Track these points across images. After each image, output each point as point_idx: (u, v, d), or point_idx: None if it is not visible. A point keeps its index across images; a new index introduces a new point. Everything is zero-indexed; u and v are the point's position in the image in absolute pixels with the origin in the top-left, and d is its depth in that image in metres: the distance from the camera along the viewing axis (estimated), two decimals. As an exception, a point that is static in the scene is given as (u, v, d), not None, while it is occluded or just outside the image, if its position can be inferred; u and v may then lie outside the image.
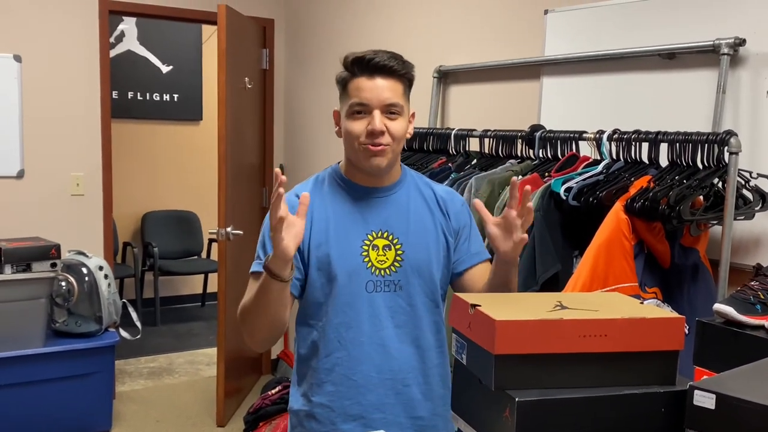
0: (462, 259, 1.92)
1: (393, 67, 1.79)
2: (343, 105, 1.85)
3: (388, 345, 1.83)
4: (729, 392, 1.20)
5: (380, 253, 1.83)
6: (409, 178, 1.94)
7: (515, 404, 1.23)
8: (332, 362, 1.84)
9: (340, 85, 1.86)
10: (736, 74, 2.43)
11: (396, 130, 1.79)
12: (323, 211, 1.84)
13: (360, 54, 1.80)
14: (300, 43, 5.05)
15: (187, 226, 7.04)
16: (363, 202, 1.86)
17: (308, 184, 1.92)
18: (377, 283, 1.82)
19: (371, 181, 1.87)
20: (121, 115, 6.47)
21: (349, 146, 1.83)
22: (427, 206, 1.91)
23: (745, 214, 2.30)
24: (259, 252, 1.85)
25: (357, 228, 1.83)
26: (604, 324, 1.31)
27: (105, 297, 3.93)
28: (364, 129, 1.78)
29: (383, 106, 1.77)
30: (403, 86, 1.82)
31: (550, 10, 3.06)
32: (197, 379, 5.27)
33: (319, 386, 1.86)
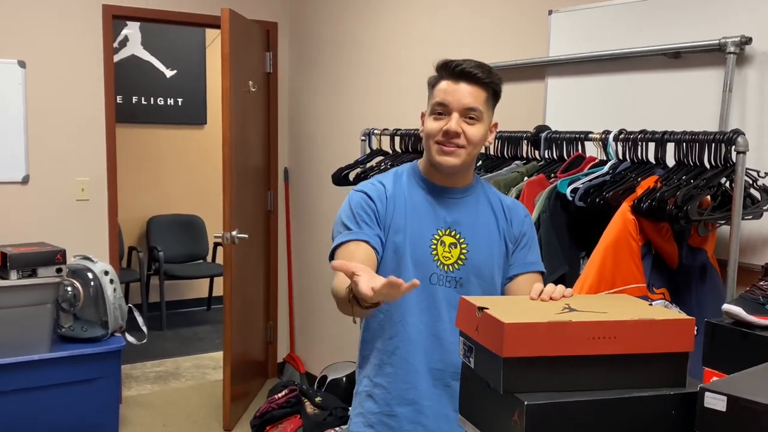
0: (515, 265, 2.00)
1: (477, 75, 1.86)
2: (428, 105, 1.94)
3: (443, 337, 1.92)
4: (740, 394, 1.18)
5: (446, 249, 1.92)
6: (479, 185, 2.04)
7: (524, 408, 1.22)
8: (395, 345, 1.93)
9: (429, 87, 1.94)
10: (743, 73, 2.41)
11: (472, 135, 1.87)
12: (402, 202, 1.94)
13: (449, 60, 1.89)
14: (304, 46, 5.05)
15: (192, 230, 7.05)
16: (436, 199, 1.95)
17: (388, 176, 2.01)
18: (440, 276, 1.91)
19: (446, 181, 1.96)
20: (125, 119, 6.47)
21: (426, 144, 1.92)
22: (493, 213, 2.00)
23: (753, 214, 2.28)
24: (346, 223, 1.90)
25: (429, 223, 1.93)
26: (614, 326, 1.30)
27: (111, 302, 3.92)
28: (441, 128, 1.87)
29: (463, 110, 1.85)
30: (486, 94, 1.89)
31: (555, 10, 3.05)
32: (204, 383, 5.26)
33: (381, 367, 1.96)
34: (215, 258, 7.05)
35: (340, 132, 4.65)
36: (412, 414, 1.93)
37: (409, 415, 1.93)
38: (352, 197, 1.95)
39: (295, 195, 5.26)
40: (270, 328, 5.31)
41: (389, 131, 3.57)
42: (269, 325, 5.30)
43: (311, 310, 5.12)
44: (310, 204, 5.08)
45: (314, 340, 5.14)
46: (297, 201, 5.25)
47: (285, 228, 5.31)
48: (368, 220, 1.90)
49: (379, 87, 4.27)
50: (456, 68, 1.86)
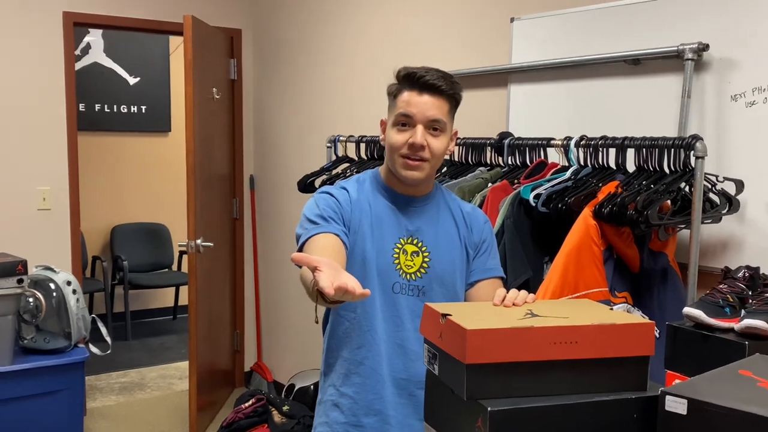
0: (476, 271, 2.01)
1: (441, 87, 1.86)
2: (390, 115, 1.93)
3: (406, 347, 1.92)
4: (700, 397, 1.20)
5: (408, 258, 1.92)
6: (439, 192, 2.04)
7: (487, 414, 1.22)
8: (363, 354, 1.93)
9: (390, 96, 1.93)
10: (701, 79, 2.45)
11: (436, 147, 1.87)
12: (366, 209, 1.93)
13: (412, 70, 1.87)
14: (268, 53, 5.03)
15: (157, 238, 6.98)
16: (398, 208, 1.95)
17: (351, 182, 2.00)
18: (403, 285, 1.91)
19: (407, 190, 1.96)
20: (88, 127, 6.40)
21: (390, 156, 1.92)
22: (453, 220, 2.01)
23: (712, 218, 2.32)
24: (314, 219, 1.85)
25: (391, 231, 1.93)
26: (575, 331, 1.31)
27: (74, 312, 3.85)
28: (405, 141, 1.86)
29: (427, 122, 1.85)
30: (449, 105, 1.89)
31: (516, 17, 3.08)
32: (169, 393, 5.21)
33: (348, 377, 1.95)
34: (181, 266, 6.99)
35: (306, 139, 4.64)
36: (378, 424, 1.93)
37: (375, 426, 1.93)
38: (318, 197, 1.93)
39: (261, 202, 5.24)
40: (237, 337, 5.27)
41: (355, 138, 3.57)
42: (236, 334, 5.27)
43: (278, 317, 5.10)
44: (276, 211, 5.06)
45: (282, 348, 5.11)
46: (263, 208, 5.23)
47: (251, 235, 5.28)
48: (335, 218, 1.88)
49: (345, 94, 4.28)
50: (420, 80, 1.85)
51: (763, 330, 1.72)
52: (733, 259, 2.34)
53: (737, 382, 1.30)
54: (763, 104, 2.31)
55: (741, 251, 2.37)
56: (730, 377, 1.33)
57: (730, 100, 2.39)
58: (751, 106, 2.34)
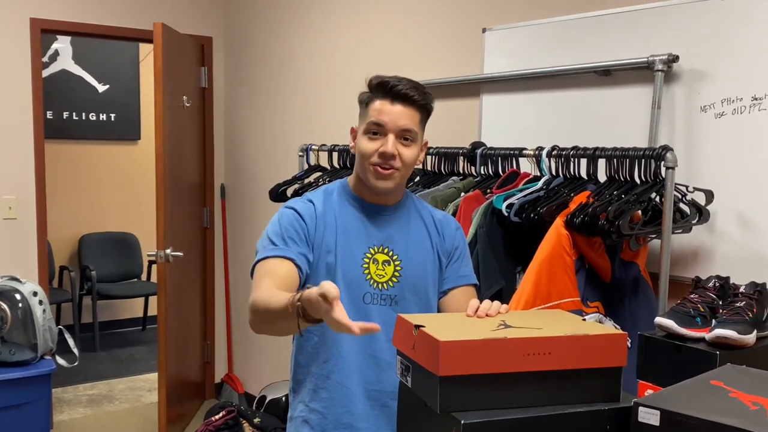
0: (449, 279, 2.00)
1: (414, 97, 1.85)
2: (361, 123, 1.91)
3: (379, 357, 1.90)
4: (673, 408, 1.20)
5: (380, 267, 1.91)
6: (410, 200, 2.02)
7: (461, 427, 1.21)
8: (329, 368, 1.90)
9: (361, 104, 1.92)
10: (671, 90, 2.48)
11: (407, 157, 1.86)
12: (332, 220, 1.91)
13: (385, 78, 1.87)
14: (239, 61, 5.00)
15: (125, 248, 6.89)
16: (368, 217, 1.93)
17: (318, 193, 1.98)
18: (374, 295, 1.89)
19: (377, 199, 1.94)
20: (56, 135, 6.31)
21: (360, 164, 1.89)
22: (425, 228, 1.99)
23: (682, 228, 2.33)
24: (274, 239, 1.86)
25: (360, 241, 1.91)
26: (548, 342, 1.31)
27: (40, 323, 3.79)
28: (376, 149, 1.85)
29: (398, 131, 1.84)
30: (420, 115, 1.88)
31: (489, 28, 3.09)
32: (138, 405, 5.13)
33: (316, 392, 1.93)
34: (150, 276, 6.91)
35: (278, 147, 4.61)
36: None
37: None
38: (282, 214, 1.92)
39: (233, 211, 5.20)
40: (207, 348, 5.22)
41: (327, 147, 3.55)
42: (206, 345, 5.21)
43: (249, 329, 5.05)
44: (247, 220, 5.02)
45: (253, 359, 5.06)
46: (234, 217, 5.19)
47: (222, 245, 5.23)
48: (296, 238, 1.86)
49: (317, 102, 4.26)
50: (393, 89, 1.84)
51: (734, 340, 1.73)
52: (703, 268, 2.36)
53: (709, 393, 1.30)
54: (732, 115, 2.34)
55: (711, 261, 2.39)
56: (702, 388, 1.33)
57: (699, 111, 2.41)
58: (721, 117, 2.36)
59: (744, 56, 2.31)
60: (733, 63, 2.34)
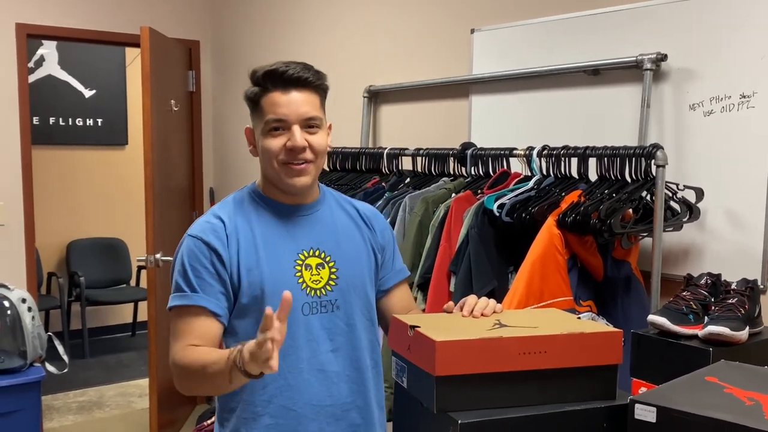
0: (388, 276, 1.88)
1: (308, 79, 1.69)
2: (256, 122, 1.73)
3: (326, 369, 1.74)
4: (669, 405, 1.20)
5: (314, 272, 1.73)
6: (329, 195, 1.87)
7: (458, 426, 1.21)
8: (270, 393, 1.71)
9: (251, 102, 1.73)
10: (660, 89, 2.49)
11: (317, 144, 1.70)
12: (249, 233, 1.72)
13: (271, 67, 1.69)
14: (227, 65, 4.99)
15: (114, 253, 6.85)
16: (288, 221, 1.76)
17: (227, 205, 1.78)
18: (313, 304, 1.72)
19: (293, 200, 1.77)
20: (43, 141, 6.26)
21: (268, 165, 1.71)
22: (353, 222, 1.85)
23: (673, 226, 2.34)
24: (180, 283, 1.68)
25: (287, 248, 1.73)
26: (544, 340, 1.31)
27: (29, 330, 3.77)
28: (283, 146, 1.68)
29: (302, 121, 1.68)
30: (319, 97, 1.73)
31: (477, 29, 3.09)
32: (129, 411, 5.10)
33: (255, 420, 1.72)
34: (139, 282, 6.87)
35: (266, 151, 4.59)
36: None
37: None
38: (186, 248, 1.69)
39: (221, 216, 5.18)
40: (198, 353, 5.19)
41: (316, 150, 3.54)
42: (197, 350, 5.18)
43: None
44: (236, 224, 5.00)
45: (243, 363, 5.04)
46: (223, 222, 5.16)
47: (211, 249, 5.21)
48: (207, 276, 1.66)
49: (305, 105, 4.25)
50: (284, 75, 1.67)
51: (727, 336, 1.74)
52: (694, 266, 2.37)
53: (705, 389, 1.31)
54: (721, 113, 2.35)
55: (702, 258, 2.40)
56: (698, 384, 1.34)
57: (688, 109, 2.43)
58: (709, 115, 2.38)
59: (732, 54, 2.32)
60: (721, 61, 2.35)
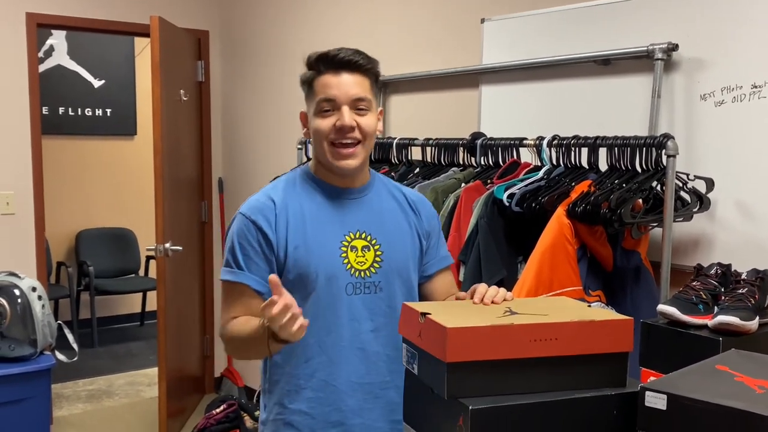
0: (432, 262, 1.93)
1: (359, 62, 1.75)
2: (309, 104, 1.80)
3: (367, 349, 1.80)
4: (680, 392, 1.20)
5: (359, 254, 1.79)
6: (378, 180, 1.92)
7: (469, 412, 1.21)
8: (312, 368, 1.79)
9: (305, 86, 1.81)
10: (671, 79, 2.48)
11: (366, 125, 1.75)
12: (298, 212, 1.79)
13: (324, 51, 1.77)
14: (236, 55, 4.99)
15: (123, 243, 6.88)
16: (337, 203, 1.82)
17: (279, 184, 1.87)
18: (357, 285, 1.78)
19: (343, 182, 1.83)
20: (52, 131, 6.28)
21: (318, 145, 1.78)
22: (400, 208, 1.89)
23: (684, 216, 2.34)
24: (229, 259, 1.80)
25: (334, 229, 1.79)
26: (555, 328, 1.31)
27: (39, 319, 3.78)
28: (332, 126, 1.74)
29: (351, 102, 1.74)
30: (369, 81, 1.79)
31: (487, 19, 3.08)
32: (138, 400, 5.13)
33: (297, 392, 1.81)
34: (148, 272, 6.90)
35: (276, 141, 4.60)
36: None
37: None
38: (236, 225, 1.81)
39: (231, 205, 5.19)
40: (206, 342, 5.21)
41: (325, 140, 3.54)
42: (206, 339, 5.21)
43: (248, 322, 5.04)
44: (245, 215, 5.00)
45: (252, 352, 5.05)
46: (232, 211, 5.11)
47: (220, 239, 5.22)
48: (253, 254, 1.76)
49: (314, 96, 4.25)
50: (335, 58, 1.74)
51: (737, 326, 1.73)
52: (704, 256, 2.37)
53: (715, 377, 1.31)
54: (732, 103, 2.34)
55: (712, 249, 2.40)
56: (708, 372, 1.34)
57: (699, 99, 2.42)
58: (720, 105, 2.37)
59: (743, 44, 2.31)
60: (732, 51, 2.34)
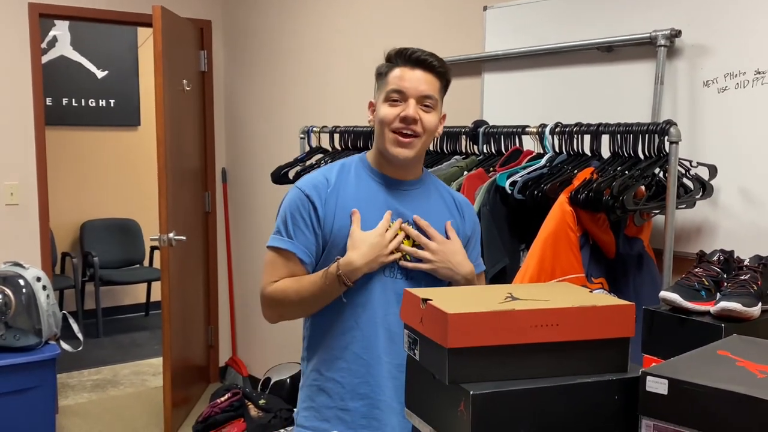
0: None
1: (433, 63, 1.86)
2: (380, 93, 1.90)
3: (393, 330, 1.90)
4: (681, 377, 1.21)
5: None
6: (429, 178, 2.03)
7: (470, 398, 1.22)
8: (347, 340, 1.91)
9: (380, 76, 1.91)
10: (673, 65, 2.47)
11: (428, 122, 1.86)
12: (349, 195, 1.90)
13: (404, 47, 1.89)
14: (239, 45, 4.99)
15: (127, 234, 6.90)
16: (387, 192, 1.93)
17: (335, 167, 1.97)
18: (393, 268, 1.90)
19: (397, 173, 1.94)
20: (56, 122, 6.30)
21: (380, 132, 1.88)
22: (446, 206, 2.00)
23: (686, 203, 2.33)
24: (280, 227, 1.91)
25: (379, 215, 1.89)
26: (556, 313, 1.31)
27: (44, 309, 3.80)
28: (397, 115, 1.84)
29: (419, 97, 1.84)
30: (440, 84, 1.89)
31: (489, 6, 3.08)
32: (143, 390, 5.16)
33: (332, 362, 1.94)
34: (152, 262, 6.92)
35: (279, 130, 4.60)
36: (366, 409, 1.92)
37: (361, 410, 1.92)
38: (291, 196, 1.93)
39: (234, 195, 5.20)
40: (211, 332, 5.23)
41: (328, 129, 3.55)
42: (210, 329, 5.22)
43: (253, 312, 5.06)
44: (249, 204, 5.02)
45: (257, 342, 5.08)
46: (236, 201, 5.18)
47: (224, 229, 5.24)
48: (302, 225, 1.88)
49: (317, 84, 4.25)
50: (412, 55, 1.86)
51: (739, 312, 1.73)
52: (707, 243, 2.36)
53: (716, 362, 1.31)
54: (735, 90, 2.33)
55: (715, 236, 2.39)
56: (709, 357, 1.34)
57: (702, 85, 2.41)
58: (723, 91, 2.36)
59: (747, 30, 2.30)
60: (735, 37, 2.33)
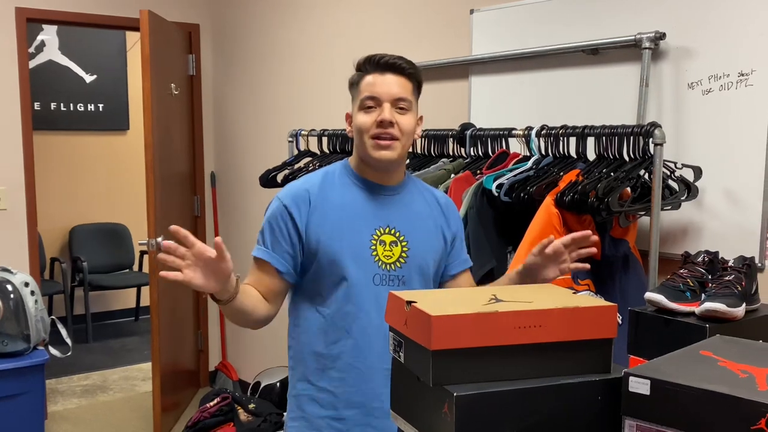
0: (454, 264, 2.05)
1: (402, 66, 1.88)
2: (354, 103, 1.92)
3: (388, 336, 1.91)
4: (663, 377, 1.21)
5: (387, 248, 1.92)
6: (411, 181, 2.04)
7: (453, 399, 1.22)
8: (339, 349, 1.92)
9: (352, 86, 1.94)
10: (658, 67, 2.48)
11: (405, 124, 1.87)
12: (333, 203, 1.91)
13: (371, 54, 1.91)
14: (227, 48, 4.98)
15: (116, 238, 6.88)
16: (372, 198, 1.94)
17: (317, 176, 1.98)
18: (383, 276, 1.91)
19: (380, 179, 1.95)
20: (44, 126, 6.28)
21: (359, 140, 1.89)
22: (430, 209, 2.02)
23: (671, 204, 2.34)
24: (259, 238, 1.96)
25: (366, 223, 1.91)
26: (539, 315, 1.32)
27: (32, 314, 3.78)
28: (374, 120, 1.86)
29: (393, 100, 1.86)
30: (412, 85, 1.90)
31: (476, 9, 3.09)
32: (133, 395, 5.14)
33: (323, 371, 1.94)
34: (142, 267, 6.90)
35: (267, 134, 4.60)
36: (360, 416, 1.93)
37: (356, 418, 1.93)
38: (272, 207, 1.95)
39: (223, 199, 5.19)
40: (200, 336, 5.22)
41: (316, 132, 3.55)
42: (199, 333, 5.21)
43: (242, 315, 5.04)
44: (238, 208, 5.01)
45: (246, 346, 5.07)
46: (225, 205, 5.18)
47: (213, 233, 5.23)
48: (279, 236, 1.91)
49: (305, 87, 4.25)
50: (381, 60, 1.88)
51: (723, 312, 1.74)
52: (692, 244, 2.38)
53: (699, 362, 1.31)
54: (719, 92, 2.35)
55: (700, 237, 2.41)
56: (692, 358, 1.35)
57: (687, 88, 2.42)
58: (708, 93, 2.37)
59: (730, 32, 2.32)
60: (719, 39, 2.34)
